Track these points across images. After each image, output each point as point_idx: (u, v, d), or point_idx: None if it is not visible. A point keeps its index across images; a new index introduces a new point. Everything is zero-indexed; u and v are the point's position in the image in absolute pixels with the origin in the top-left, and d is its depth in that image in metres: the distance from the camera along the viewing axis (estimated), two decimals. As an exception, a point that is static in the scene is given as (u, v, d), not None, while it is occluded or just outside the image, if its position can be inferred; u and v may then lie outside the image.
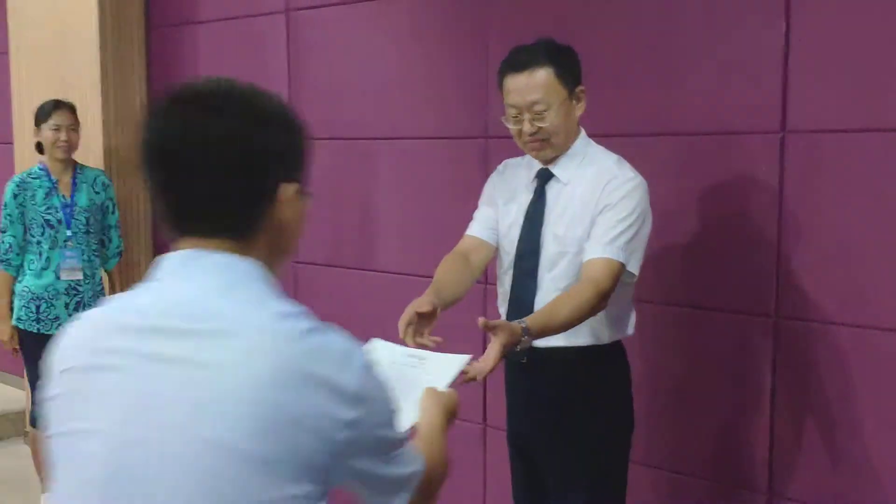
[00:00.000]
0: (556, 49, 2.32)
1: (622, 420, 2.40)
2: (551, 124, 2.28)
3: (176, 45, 4.24)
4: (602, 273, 2.17)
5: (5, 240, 3.73)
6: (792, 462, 2.60)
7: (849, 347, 2.47)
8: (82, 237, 3.78)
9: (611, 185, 2.24)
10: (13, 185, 3.73)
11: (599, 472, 2.35)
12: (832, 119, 2.44)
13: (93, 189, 3.84)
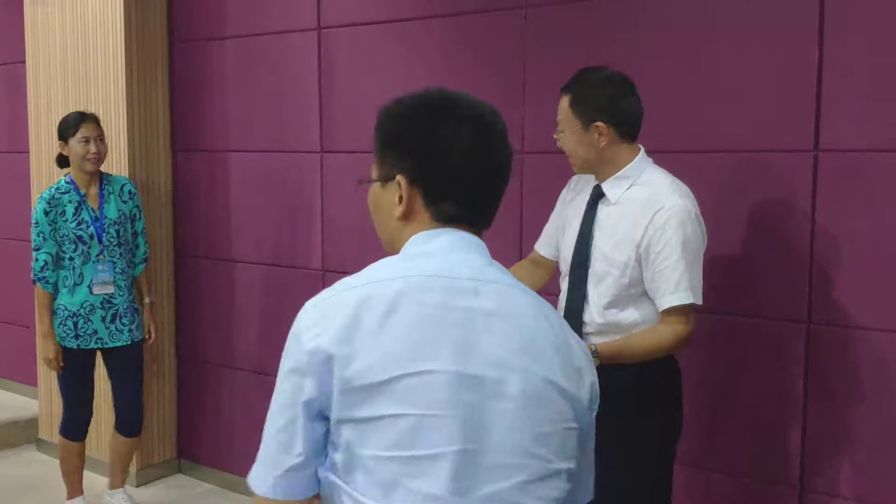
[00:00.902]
0: (581, 80, 2.49)
1: (670, 427, 2.52)
2: (564, 146, 2.49)
3: (200, 60, 4.33)
4: (677, 319, 2.37)
5: (39, 258, 3.68)
6: (823, 459, 2.78)
7: (878, 350, 2.65)
8: (114, 249, 3.75)
9: (659, 218, 2.35)
10: (44, 203, 3.68)
11: (640, 475, 2.48)
12: (864, 138, 2.63)
13: (120, 199, 3.82)
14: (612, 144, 2.45)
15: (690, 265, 2.34)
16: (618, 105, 2.45)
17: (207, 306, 4.45)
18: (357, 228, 3.80)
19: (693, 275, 2.35)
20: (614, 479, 2.47)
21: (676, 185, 2.44)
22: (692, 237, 2.35)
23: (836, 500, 2.76)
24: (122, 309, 3.79)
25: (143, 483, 4.48)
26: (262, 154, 4.15)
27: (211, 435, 4.50)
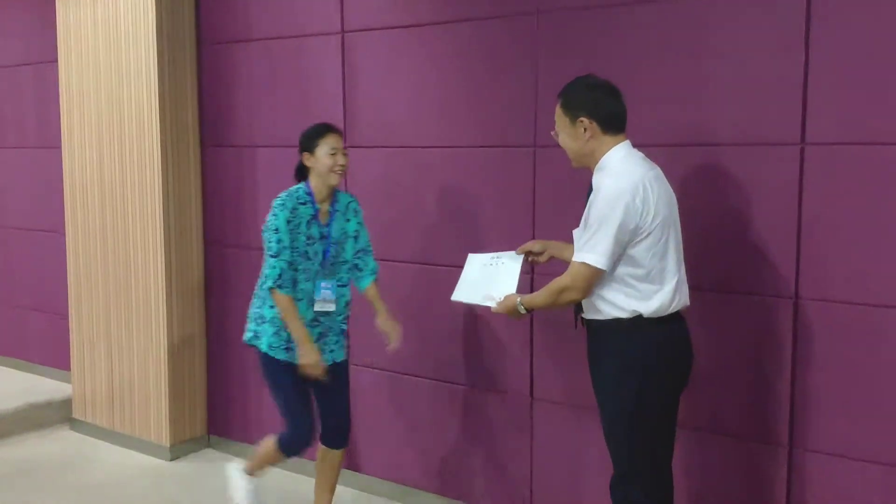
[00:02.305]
0: (570, 86, 2.90)
1: (627, 386, 2.80)
2: (562, 144, 2.91)
3: (227, 61, 4.61)
4: (568, 272, 2.79)
5: (277, 265, 3.45)
6: (810, 419, 3.10)
7: (860, 321, 2.97)
8: (331, 268, 3.59)
9: (594, 198, 2.75)
10: (286, 212, 3.47)
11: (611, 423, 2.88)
12: (847, 133, 2.95)
13: (344, 217, 3.63)
14: (596, 137, 2.81)
15: (600, 235, 2.68)
16: (598, 102, 2.83)
17: (234, 290, 4.73)
18: (381, 218, 4.11)
19: (599, 243, 2.68)
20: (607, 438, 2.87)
21: (624, 173, 2.74)
22: (610, 213, 2.67)
23: (823, 456, 3.09)
24: (330, 327, 3.63)
25: (176, 457, 4.78)
26: (288, 149, 4.43)
27: (239, 411, 4.80)
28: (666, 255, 2.77)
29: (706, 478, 3.34)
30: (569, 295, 2.79)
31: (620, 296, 2.76)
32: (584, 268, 2.73)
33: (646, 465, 2.86)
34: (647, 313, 2.75)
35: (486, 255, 3.28)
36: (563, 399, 3.67)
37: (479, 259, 3.28)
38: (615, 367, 2.81)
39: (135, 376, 4.86)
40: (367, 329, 3.82)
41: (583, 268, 2.73)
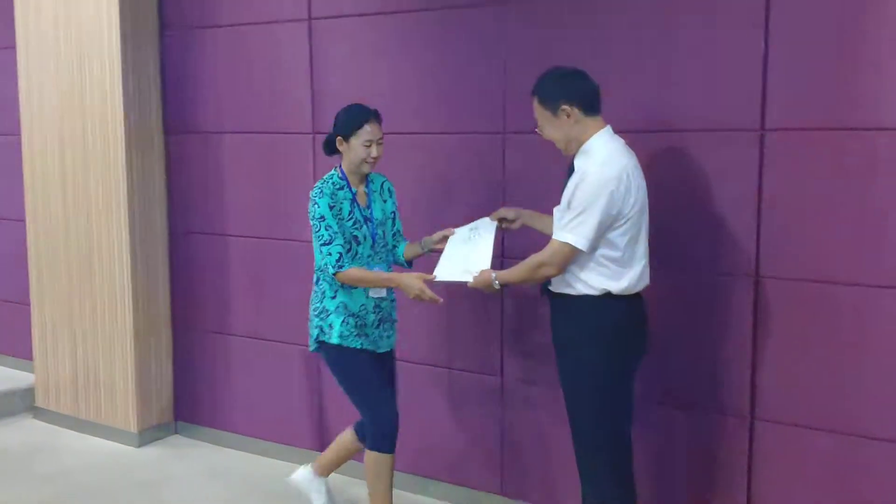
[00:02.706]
0: (541, 81, 3.03)
1: (592, 358, 2.94)
2: (549, 137, 3.02)
3: (191, 47, 4.62)
4: (546, 249, 2.92)
5: (333, 251, 3.34)
6: (771, 391, 3.27)
7: (817, 297, 3.15)
8: (381, 251, 3.50)
9: (581, 179, 2.86)
10: (327, 198, 3.37)
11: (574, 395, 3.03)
12: (804, 119, 3.11)
13: (381, 198, 3.55)
14: (580, 121, 2.94)
15: (584, 217, 2.81)
16: (572, 87, 2.96)
17: (201, 278, 4.76)
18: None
19: (582, 225, 2.82)
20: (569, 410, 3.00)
21: (610, 158, 2.89)
22: (596, 199, 2.81)
23: (782, 426, 3.26)
24: (386, 312, 3.55)
25: (143, 444, 4.80)
26: (254, 135, 4.48)
27: (207, 397, 4.84)
28: (638, 239, 2.92)
29: (669, 449, 3.50)
30: (546, 270, 2.92)
31: (594, 275, 2.89)
32: (566, 247, 2.85)
33: (609, 436, 3.00)
34: (616, 291, 2.89)
35: (464, 229, 3.39)
36: (532, 377, 3.79)
37: (458, 236, 3.39)
38: (581, 339, 2.94)
39: (100, 363, 4.86)
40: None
41: (564, 247, 2.85)
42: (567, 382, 3.01)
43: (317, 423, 4.45)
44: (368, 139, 3.35)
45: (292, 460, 4.51)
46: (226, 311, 4.70)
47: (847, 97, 3.03)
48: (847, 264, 3.09)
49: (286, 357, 4.51)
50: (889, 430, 3.07)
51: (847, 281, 3.09)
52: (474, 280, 3.12)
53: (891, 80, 2.96)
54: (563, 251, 2.86)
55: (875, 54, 2.98)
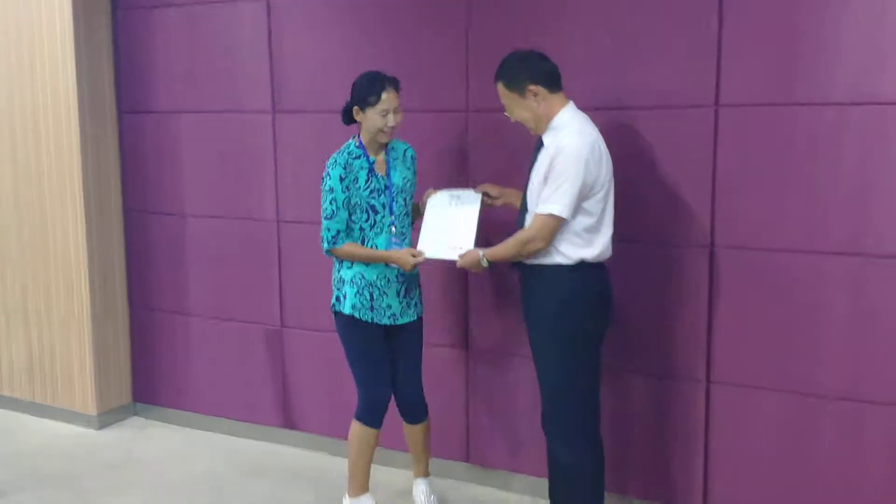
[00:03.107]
0: (504, 66, 3.14)
1: (567, 325, 3.08)
2: (518, 118, 3.14)
3: (145, 26, 4.58)
4: (532, 224, 3.03)
5: (332, 227, 3.35)
6: (726, 356, 3.44)
7: (769, 264, 3.32)
8: (403, 219, 3.46)
9: (555, 154, 2.98)
10: (339, 169, 3.34)
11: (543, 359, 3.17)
12: (757, 95, 3.26)
13: (404, 165, 3.51)
14: (546, 99, 3.07)
15: (564, 188, 2.94)
16: (536, 67, 3.09)
17: (158, 258, 4.75)
18: (311, 181, 4.21)
19: (563, 195, 2.94)
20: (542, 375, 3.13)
21: (581, 130, 3.03)
22: (574, 170, 2.94)
23: (736, 388, 3.44)
24: (411, 283, 3.52)
25: (103, 426, 4.79)
26: (212, 115, 4.47)
27: (166, 377, 4.84)
28: (607, 207, 3.05)
29: (630, 413, 3.65)
30: (534, 245, 3.02)
31: (569, 245, 3.01)
32: (551, 218, 2.96)
33: (582, 399, 3.14)
34: (590, 258, 3.02)
35: (444, 194, 3.44)
36: (496, 348, 3.91)
37: (438, 200, 3.44)
38: (554, 306, 3.06)
39: (56, 347, 4.82)
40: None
41: (549, 219, 2.96)
42: (542, 349, 3.12)
43: (280, 400, 4.50)
44: (385, 108, 3.30)
45: (255, 437, 4.57)
46: (185, 291, 4.70)
47: (796, 73, 3.20)
48: (797, 233, 3.26)
49: (248, 336, 4.54)
50: (837, 389, 3.26)
51: (797, 249, 3.27)
52: (462, 260, 3.21)
53: (835, 56, 3.12)
54: (549, 224, 2.97)
55: (821, 33, 3.14)
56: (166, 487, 4.06)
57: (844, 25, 3.10)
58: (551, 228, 2.98)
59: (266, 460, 4.34)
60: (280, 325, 4.43)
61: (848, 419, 3.26)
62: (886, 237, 3.12)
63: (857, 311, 3.20)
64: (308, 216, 4.26)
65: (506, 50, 3.50)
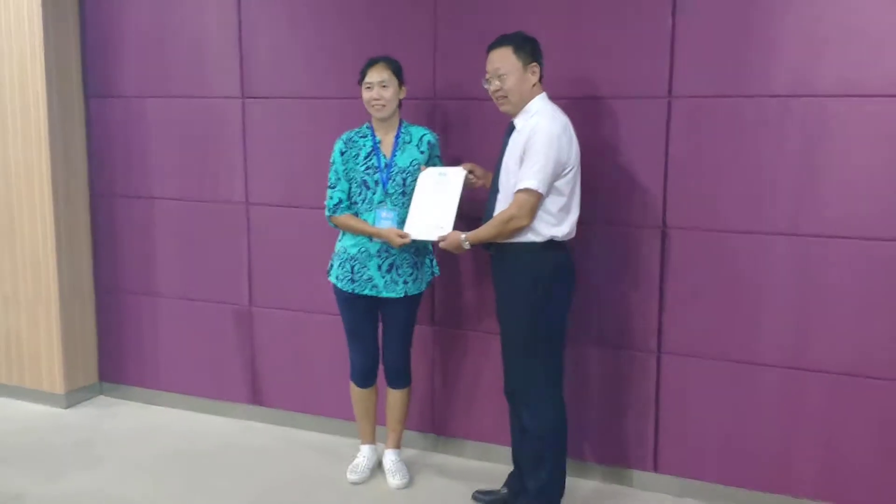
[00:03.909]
0: (519, 35, 3.32)
1: (537, 298, 3.30)
2: (506, 88, 3.29)
3: (112, 10, 4.66)
4: (514, 201, 3.22)
5: (334, 195, 3.67)
6: (677, 329, 3.71)
7: (717, 245, 3.59)
8: (398, 198, 3.64)
9: (533, 134, 3.21)
10: (341, 143, 3.69)
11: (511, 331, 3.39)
12: (707, 87, 3.52)
13: (417, 149, 3.70)
14: (535, 84, 3.31)
15: (540, 165, 3.17)
16: (540, 53, 3.33)
17: (125, 241, 4.84)
18: (279, 165, 4.37)
19: (539, 171, 3.17)
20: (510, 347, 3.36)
21: (555, 115, 3.27)
22: (549, 149, 3.17)
23: (684, 358, 3.71)
24: (400, 259, 3.69)
25: (71, 405, 4.87)
26: (180, 100, 4.58)
27: (133, 357, 4.94)
28: (575, 188, 3.28)
29: (585, 383, 3.90)
30: (516, 223, 3.21)
31: (542, 224, 3.23)
32: (528, 194, 3.17)
33: (550, 368, 3.37)
34: (559, 237, 3.25)
35: (433, 171, 3.62)
36: (461, 323, 4.12)
37: (427, 177, 3.61)
38: (527, 281, 3.28)
39: (22, 327, 4.88)
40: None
41: (529, 195, 3.17)
42: (512, 322, 3.34)
43: (249, 377, 4.65)
44: (369, 82, 3.61)
45: (223, 414, 4.71)
46: (151, 272, 4.81)
47: (742, 68, 3.46)
48: (742, 215, 3.54)
49: (216, 316, 4.67)
50: (777, 358, 3.55)
51: (742, 230, 3.54)
52: (444, 243, 3.39)
53: (778, 53, 3.40)
54: (529, 200, 3.18)
55: (765, 31, 3.41)
56: (138, 462, 4.18)
57: (787, 25, 3.38)
58: (531, 204, 3.19)
59: (235, 435, 4.49)
60: (249, 304, 4.58)
61: (788, 386, 3.55)
62: (824, 219, 3.42)
63: (795, 286, 3.49)
64: (276, 199, 4.42)
65: (472, 38, 3.78)
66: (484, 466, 4.08)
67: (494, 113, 3.54)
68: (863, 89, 3.29)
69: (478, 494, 3.75)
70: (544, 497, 3.44)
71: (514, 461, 3.66)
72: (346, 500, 3.77)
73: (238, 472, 4.06)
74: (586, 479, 3.93)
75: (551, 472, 3.41)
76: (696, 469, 3.75)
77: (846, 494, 3.51)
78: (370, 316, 3.80)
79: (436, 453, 4.25)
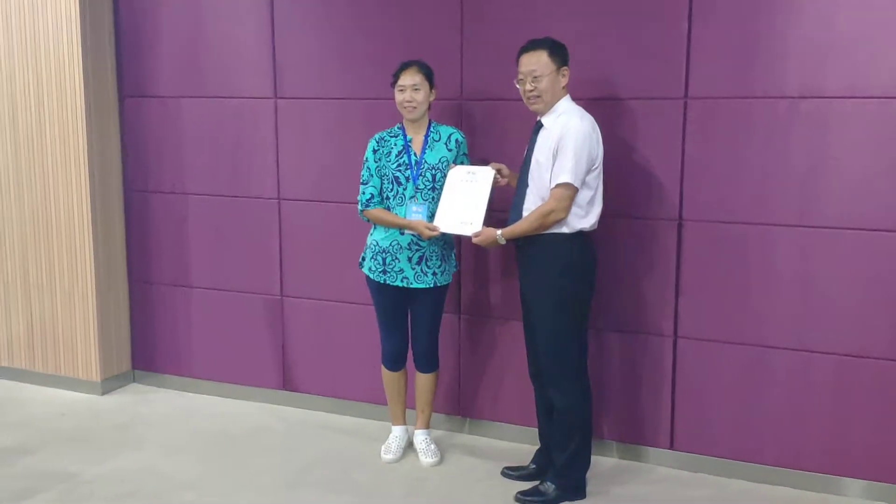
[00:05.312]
0: (551, 40, 3.57)
1: (566, 286, 3.56)
2: (540, 89, 3.53)
3: (147, 13, 4.87)
4: (552, 196, 3.46)
5: (366, 191, 3.91)
6: (692, 314, 3.96)
7: (732, 236, 3.85)
8: (428, 193, 3.86)
9: (565, 131, 3.46)
10: (374, 142, 3.94)
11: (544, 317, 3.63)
12: (722, 89, 3.78)
13: (446, 147, 3.92)
14: (564, 86, 3.57)
15: (575, 161, 3.42)
16: (568, 57, 3.57)
17: (158, 234, 5.06)
18: (310, 162, 4.60)
19: (574, 167, 3.42)
20: (542, 332, 3.60)
21: (583, 115, 3.53)
22: (581, 146, 3.44)
23: (700, 342, 3.97)
24: (429, 252, 3.92)
25: (106, 392, 5.09)
26: (214, 100, 4.79)
27: (166, 345, 5.16)
28: (600, 183, 3.54)
29: (607, 367, 4.15)
30: (555, 216, 3.46)
31: (572, 216, 3.48)
32: (565, 187, 3.42)
33: (577, 351, 3.63)
34: (587, 228, 3.51)
35: (461, 169, 3.84)
36: (485, 312, 4.37)
37: (456, 174, 3.83)
38: (556, 270, 3.53)
39: (58, 316, 5.09)
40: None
41: (567, 189, 3.42)
42: (542, 308, 3.58)
43: (280, 363, 4.87)
44: (401, 85, 3.86)
45: (254, 399, 4.93)
46: (184, 264, 5.03)
47: (754, 71, 3.73)
48: (753, 208, 3.80)
49: (247, 306, 4.90)
50: (786, 341, 3.82)
51: (753, 222, 3.81)
52: (478, 238, 3.63)
53: (788, 56, 3.66)
54: (566, 194, 3.43)
55: (776, 36, 3.68)
56: (178, 443, 4.40)
57: (796, 31, 3.65)
58: (569, 197, 3.44)
59: (267, 419, 4.72)
60: (280, 293, 4.80)
61: (795, 367, 3.82)
62: (828, 212, 3.69)
63: (802, 274, 3.76)
64: (306, 194, 4.65)
65: (498, 41, 4.02)
66: (510, 446, 4.32)
67: (517, 113, 3.82)
68: (867, 91, 3.56)
69: (507, 470, 3.99)
70: (571, 471, 3.71)
71: (541, 439, 3.92)
72: (382, 477, 4.01)
73: (275, 452, 4.29)
74: (606, 456, 4.19)
75: (578, 447, 3.67)
76: (710, 446, 4.01)
77: (852, 467, 3.78)
78: (401, 305, 4.04)
79: (462, 434, 4.49)
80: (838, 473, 3.81)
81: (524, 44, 3.58)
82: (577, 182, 3.43)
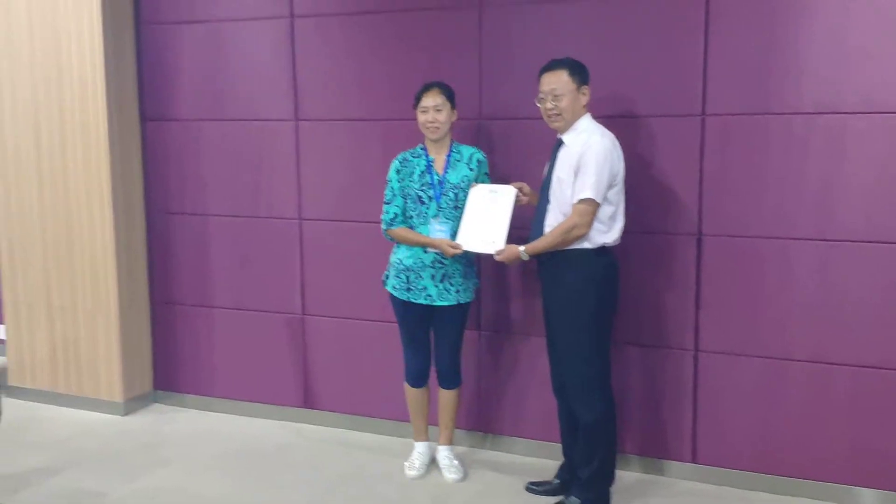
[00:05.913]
0: (572, 60, 3.65)
1: (590, 301, 3.61)
2: (561, 107, 3.61)
3: (168, 40, 4.96)
4: (575, 211, 3.52)
5: (389, 210, 3.97)
6: (712, 328, 4.01)
7: (749, 250, 3.91)
8: (450, 212, 3.93)
9: (586, 148, 3.53)
10: (397, 162, 4.00)
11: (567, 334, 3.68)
12: (738, 105, 3.85)
13: (467, 166, 3.99)
14: (584, 105, 3.64)
15: (597, 177, 3.49)
16: (589, 77, 3.64)
17: (180, 254, 5.12)
18: (330, 182, 4.66)
19: (596, 183, 3.49)
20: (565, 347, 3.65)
21: (604, 132, 3.61)
22: (603, 162, 3.50)
23: (720, 356, 4.01)
24: (452, 270, 3.99)
25: (129, 412, 5.13)
26: (236, 122, 4.87)
27: (187, 365, 5.21)
28: (622, 198, 3.60)
29: (628, 380, 4.19)
30: (578, 231, 3.52)
31: (596, 232, 3.54)
32: (588, 203, 3.48)
33: (601, 364, 3.68)
34: (609, 243, 3.56)
35: (484, 188, 3.90)
36: (505, 329, 4.42)
37: (478, 193, 3.89)
38: (580, 284, 3.58)
39: (81, 337, 5.14)
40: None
41: (589, 204, 3.49)
42: (567, 323, 3.63)
43: (301, 381, 4.92)
44: (424, 106, 3.93)
45: (276, 418, 4.98)
46: (206, 284, 5.09)
47: (770, 87, 3.80)
48: (771, 223, 3.86)
49: (269, 325, 4.95)
50: (804, 352, 3.87)
51: (771, 236, 3.87)
52: (501, 255, 3.68)
53: (804, 73, 3.73)
54: (588, 209, 3.49)
55: (791, 53, 3.75)
56: (204, 461, 4.44)
57: (811, 48, 3.72)
58: (591, 212, 3.50)
59: (290, 436, 4.76)
60: (301, 312, 4.86)
61: (814, 379, 3.87)
62: (845, 225, 3.75)
63: (821, 287, 3.81)
64: (327, 214, 4.72)
65: (515, 62, 4.09)
66: (532, 461, 4.36)
67: (536, 132, 3.88)
68: (883, 106, 3.63)
69: (531, 485, 4.03)
70: (596, 485, 3.74)
71: (565, 453, 3.95)
72: (408, 493, 4.05)
73: (300, 469, 4.33)
74: (628, 470, 4.22)
75: (603, 461, 3.71)
76: (733, 458, 4.05)
77: (873, 478, 3.82)
78: (424, 322, 4.09)
79: (484, 450, 4.53)
80: (857, 484, 3.84)
81: (545, 63, 3.66)
82: (598, 197, 3.49)
